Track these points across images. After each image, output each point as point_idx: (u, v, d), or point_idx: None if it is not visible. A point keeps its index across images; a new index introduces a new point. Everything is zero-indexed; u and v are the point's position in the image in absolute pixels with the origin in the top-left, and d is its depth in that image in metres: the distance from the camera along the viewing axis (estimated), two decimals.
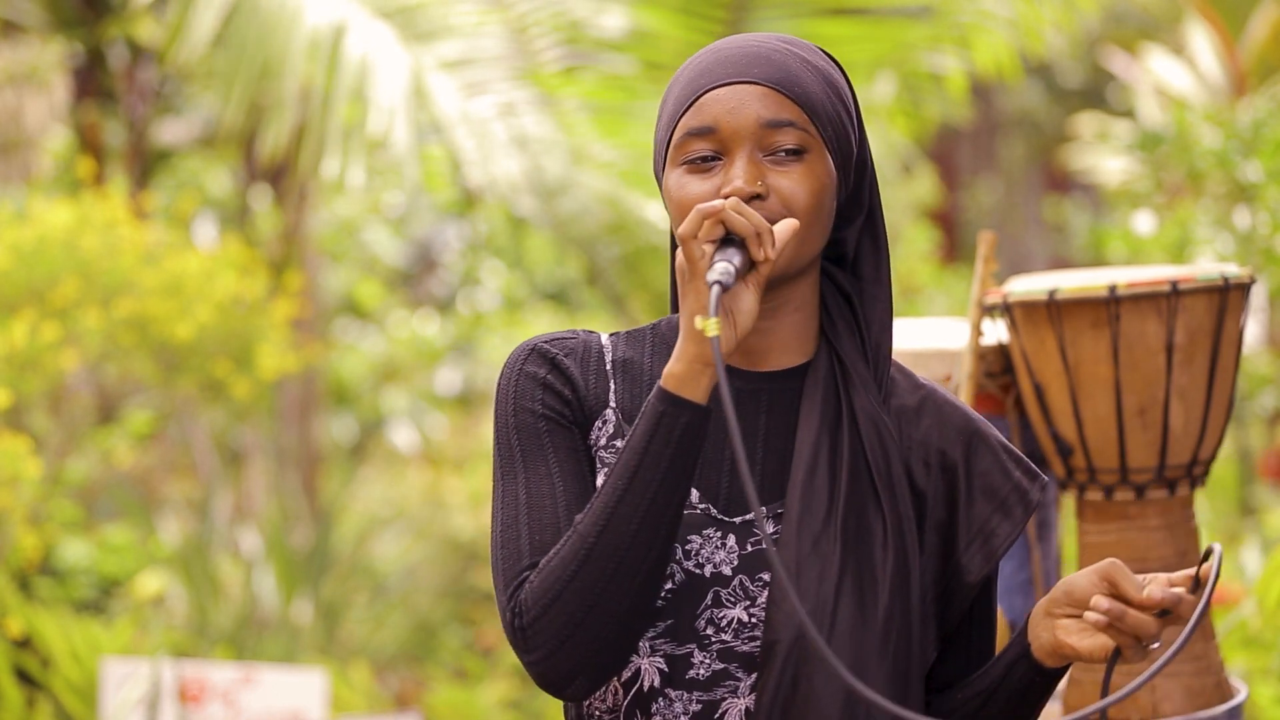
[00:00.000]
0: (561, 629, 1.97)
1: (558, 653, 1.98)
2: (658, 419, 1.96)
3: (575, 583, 1.96)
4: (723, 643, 2.03)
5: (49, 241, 6.13)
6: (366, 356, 10.08)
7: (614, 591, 1.96)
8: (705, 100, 2.05)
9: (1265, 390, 7.11)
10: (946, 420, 2.12)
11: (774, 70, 2.05)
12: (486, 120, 6.11)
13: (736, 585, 2.04)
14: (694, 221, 1.95)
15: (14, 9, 8.55)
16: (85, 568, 6.75)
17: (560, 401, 2.08)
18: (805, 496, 2.03)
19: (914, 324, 3.50)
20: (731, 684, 2.03)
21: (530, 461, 2.06)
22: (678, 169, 2.05)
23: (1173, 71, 8.76)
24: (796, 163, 2.04)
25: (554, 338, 2.12)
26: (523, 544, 2.02)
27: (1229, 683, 3.13)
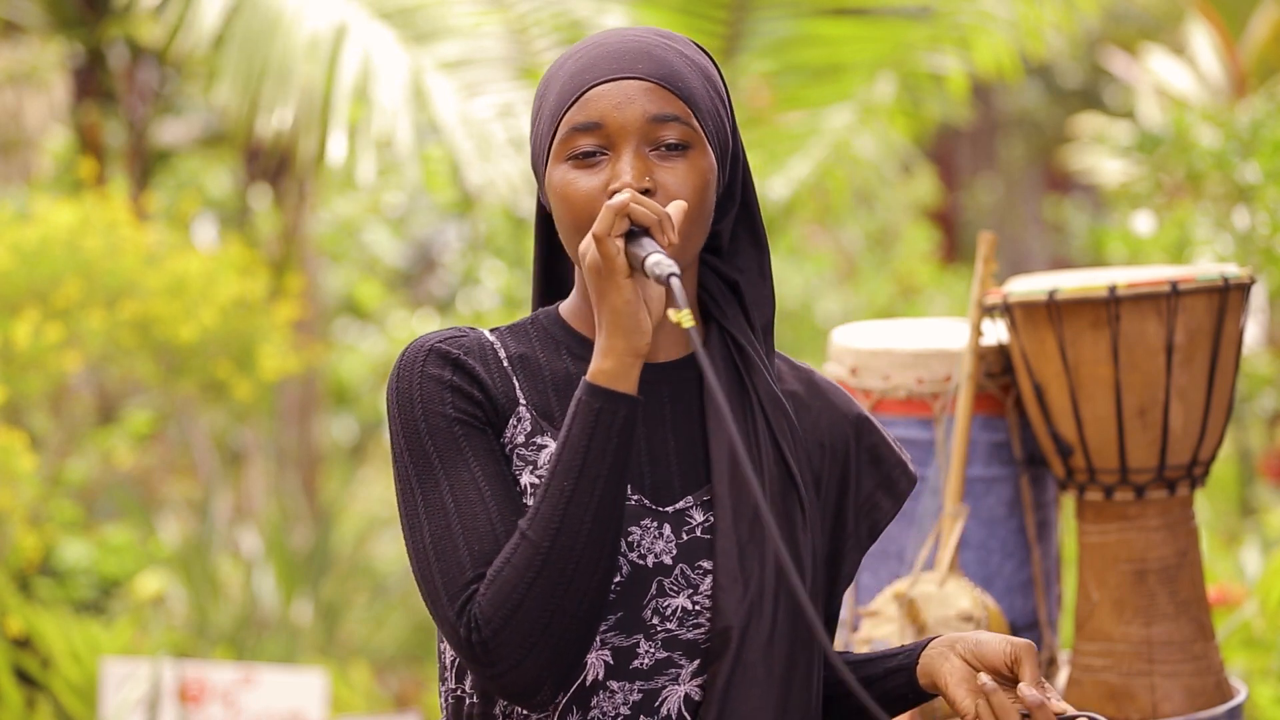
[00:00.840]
0: (525, 638, 1.95)
1: (524, 662, 1.96)
2: (595, 415, 1.96)
3: (534, 589, 1.95)
4: (668, 631, 2.04)
5: (51, 242, 6.13)
6: (366, 357, 10.08)
7: (574, 593, 1.95)
8: (590, 96, 2.04)
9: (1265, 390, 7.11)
10: (834, 404, 2.16)
11: (658, 65, 2.06)
12: (486, 121, 6.11)
13: (678, 574, 2.05)
14: (607, 220, 1.94)
15: (14, 9, 8.55)
16: (85, 568, 6.75)
17: (471, 403, 2.05)
18: (733, 483, 2.05)
19: (914, 324, 3.50)
20: (673, 671, 2.05)
21: (450, 468, 2.02)
22: (562, 164, 2.05)
23: (1173, 72, 8.76)
24: (681, 157, 2.04)
25: (448, 336, 2.08)
26: (461, 555, 1.98)
27: (1229, 683, 3.13)
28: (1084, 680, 3.11)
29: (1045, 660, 3.25)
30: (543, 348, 2.11)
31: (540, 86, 2.13)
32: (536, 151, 2.11)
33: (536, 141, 2.10)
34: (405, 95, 5.83)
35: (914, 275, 9.57)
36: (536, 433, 2.06)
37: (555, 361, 2.10)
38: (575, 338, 2.12)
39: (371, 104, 5.80)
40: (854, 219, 9.55)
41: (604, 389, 1.96)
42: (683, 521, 2.06)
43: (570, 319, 2.13)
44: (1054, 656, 3.27)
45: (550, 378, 2.09)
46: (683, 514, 2.06)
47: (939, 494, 3.14)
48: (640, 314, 1.96)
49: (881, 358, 3.17)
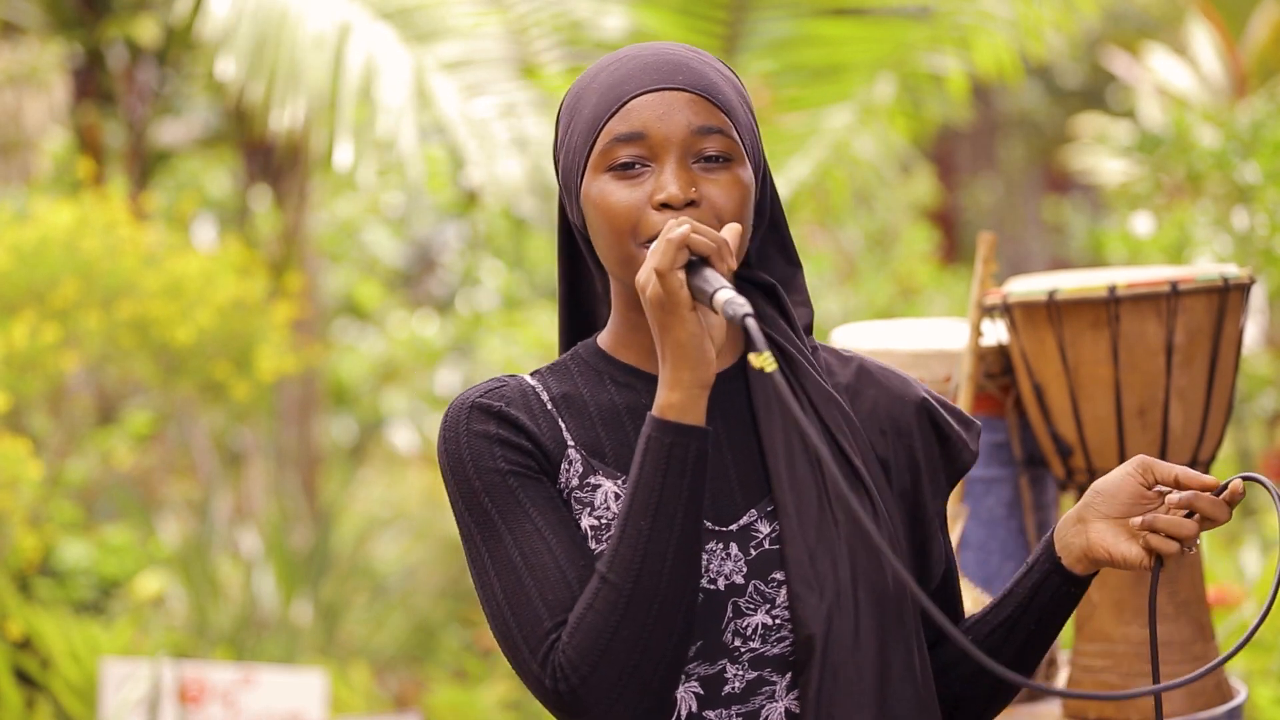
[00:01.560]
0: (615, 682, 1.94)
1: (613, 707, 1.95)
2: (668, 451, 1.94)
3: (621, 633, 1.93)
4: (752, 650, 2.02)
5: (49, 242, 6.13)
6: (366, 357, 10.08)
7: (661, 632, 1.94)
8: (632, 106, 2.03)
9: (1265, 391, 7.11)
10: (890, 388, 2.14)
11: (698, 77, 2.05)
12: (487, 121, 6.11)
13: (752, 591, 2.02)
14: (669, 254, 1.92)
15: (13, 9, 8.55)
16: (85, 568, 6.74)
17: (522, 454, 2.03)
18: (794, 488, 2.03)
19: (914, 324, 3.50)
20: (768, 689, 2.03)
21: (511, 522, 2.01)
22: (602, 175, 2.03)
23: (1174, 72, 8.76)
24: (724, 170, 2.03)
25: (487, 389, 2.06)
26: (536, 607, 1.97)
27: (1229, 683, 3.13)
28: (1084, 680, 3.11)
29: (1045, 661, 3.25)
30: (585, 383, 2.09)
31: (569, 100, 2.10)
32: (569, 167, 2.08)
33: (569, 156, 2.07)
34: (409, 94, 5.83)
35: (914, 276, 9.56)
36: (589, 473, 2.04)
37: (600, 395, 2.08)
38: (618, 367, 2.10)
39: (375, 104, 5.80)
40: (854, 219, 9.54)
41: (674, 423, 1.94)
42: (749, 537, 2.03)
43: (612, 349, 2.11)
44: (1054, 657, 3.27)
45: (597, 413, 2.07)
46: (748, 529, 2.04)
47: None
48: (706, 345, 1.94)
49: (881, 358, 3.16)
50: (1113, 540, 2.04)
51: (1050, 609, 2.09)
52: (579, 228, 2.10)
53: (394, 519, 8.55)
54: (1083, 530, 2.06)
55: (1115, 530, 2.04)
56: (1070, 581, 2.08)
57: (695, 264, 1.94)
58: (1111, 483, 2.05)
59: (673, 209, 2.00)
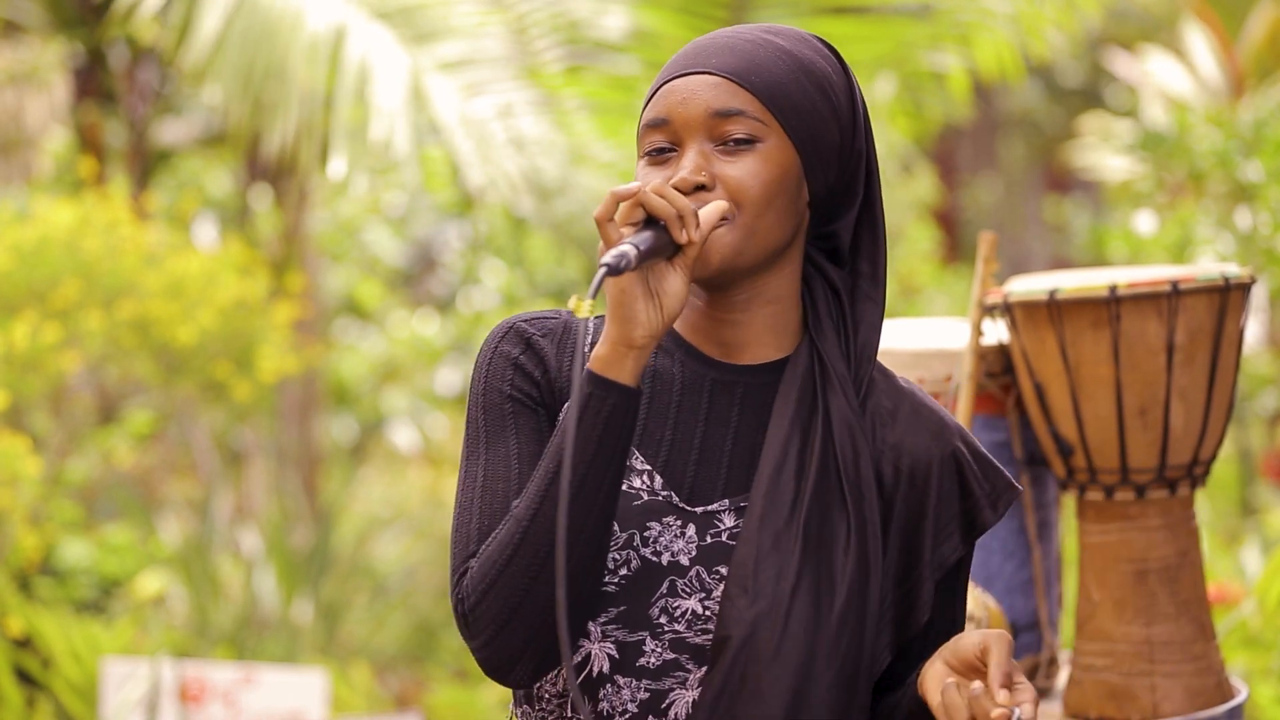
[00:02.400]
0: (499, 614, 1.96)
1: (497, 638, 1.97)
2: (585, 401, 1.95)
3: (510, 567, 1.96)
4: (675, 633, 2.02)
5: (50, 242, 6.13)
6: (366, 357, 10.08)
7: (549, 575, 1.95)
8: (662, 92, 2.04)
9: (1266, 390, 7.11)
10: (922, 425, 2.09)
11: (732, 59, 2.04)
12: (486, 121, 6.11)
13: (693, 576, 2.02)
14: (608, 204, 1.93)
15: (14, 9, 8.55)
16: (85, 568, 6.75)
17: (529, 382, 2.06)
18: (770, 493, 2.01)
19: (914, 324, 3.50)
20: (681, 675, 2.02)
21: (493, 443, 2.05)
22: (641, 160, 2.05)
23: (1171, 72, 8.76)
24: (747, 152, 2.01)
25: (535, 317, 2.10)
26: (471, 529, 2.02)
27: (1229, 683, 3.13)
28: (1084, 680, 3.11)
29: (1046, 660, 3.25)
30: None
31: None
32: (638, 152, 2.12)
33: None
34: (405, 96, 5.82)
35: (914, 275, 9.57)
36: None
37: None
38: (672, 335, 2.10)
39: (370, 107, 5.80)
40: None
41: (597, 375, 1.95)
42: (710, 524, 2.03)
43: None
44: (1054, 656, 3.27)
45: None
46: (713, 516, 2.03)
47: None
48: (635, 305, 1.94)
49: (881, 358, 3.16)
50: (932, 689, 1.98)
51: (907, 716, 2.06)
52: None
53: (394, 519, 8.55)
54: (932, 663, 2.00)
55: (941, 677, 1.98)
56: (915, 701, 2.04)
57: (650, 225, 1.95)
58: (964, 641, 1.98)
59: (682, 193, 2.00)
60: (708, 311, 2.08)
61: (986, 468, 2.10)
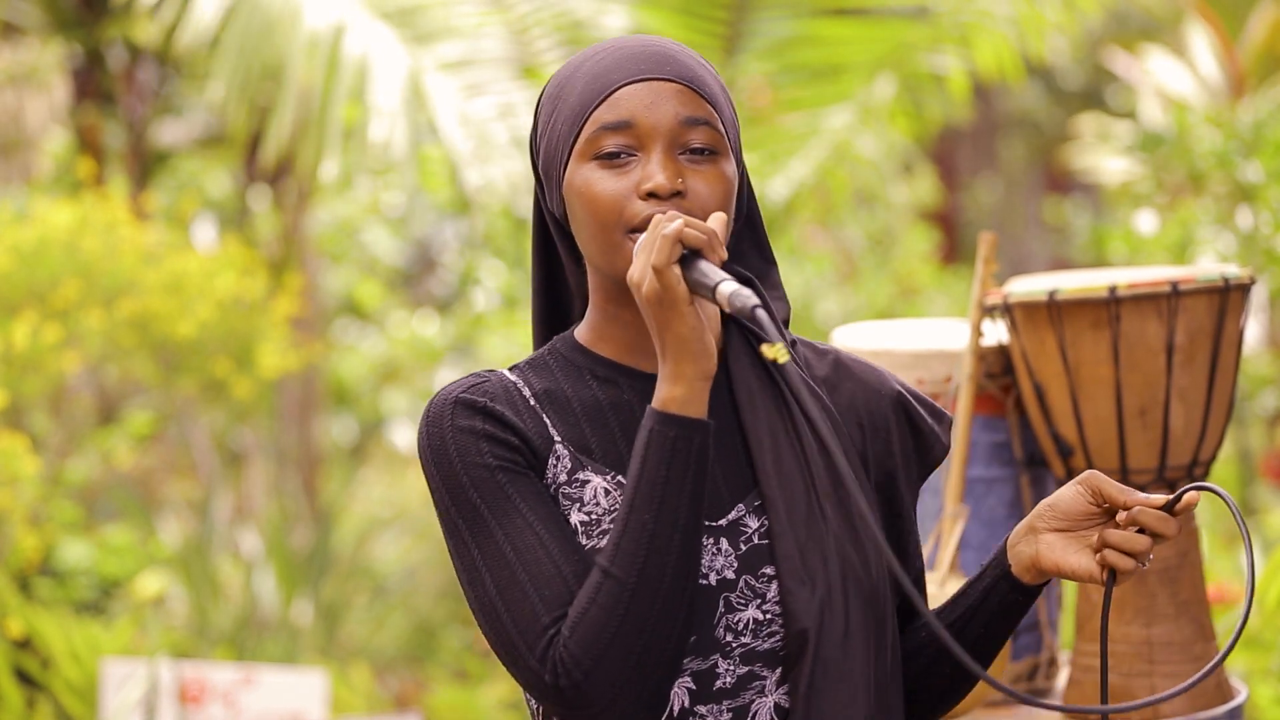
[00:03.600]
0: (618, 676, 1.93)
1: (616, 701, 1.94)
2: (671, 444, 1.93)
3: (625, 627, 1.93)
4: (744, 645, 2.02)
5: (50, 242, 6.13)
6: (366, 357, 10.08)
7: (665, 626, 1.94)
8: (620, 95, 2.02)
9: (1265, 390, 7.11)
10: (867, 382, 2.14)
11: (685, 69, 2.04)
12: (486, 121, 6.11)
13: (743, 586, 2.02)
14: (665, 250, 1.92)
15: (14, 10, 8.55)
16: (85, 568, 6.74)
17: (509, 449, 2.02)
18: (782, 483, 2.03)
19: (914, 324, 3.50)
20: (758, 684, 2.02)
21: (501, 517, 1.99)
22: (587, 164, 2.02)
23: (1172, 72, 8.76)
24: (710, 163, 2.03)
25: (470, 385, 2.05)
26: (533, 602, 1.96)
27: (1229, 683, 3.13)
28: (1084, 680, 3.11)
29: (1046, 660, 3.25)
30: (566, 379, 2.08)
31: (550, 89, 2.09)
32: (551, 156, 2.07)
33: (551, 145, 2.07)
34: (403, 97, 5.82)
35: (914, 276, 9.57)
36: (577, 469, 2.03)
37: (583, 391, 2.07)
38: (598, 361, 2.09)
39: (368, 107, 5.80)
40: (854, 219, 9.55)
41: (678, 416, 1.94)
42: (738, 531, 2.03)
43: (590, 343, 2.10)
44: (1054, 657, 3.27)
45: (580, 409, 2.06)
46: (736, 524, 2.03)
47: (940, 494, 3.14)
48: (706, 338, 1.94)
49: (881, 358, 3.17)
50: (1061, 553, 2.04)
51: (999, 615, 2.10)
52: (558, 218, 2.10)
53: (394, 519, 8.55)
54: (1033, 540, 2.06)
55: (1064, 543, 2.05)
56: (1017, 589, 2.08)
57: (687, 257, 1.94)
58: (1062, 498, 2.05)
59: (659, 199, 2.00)
60: (639, 326, 2.07)
61: (922, 401, 2.16)
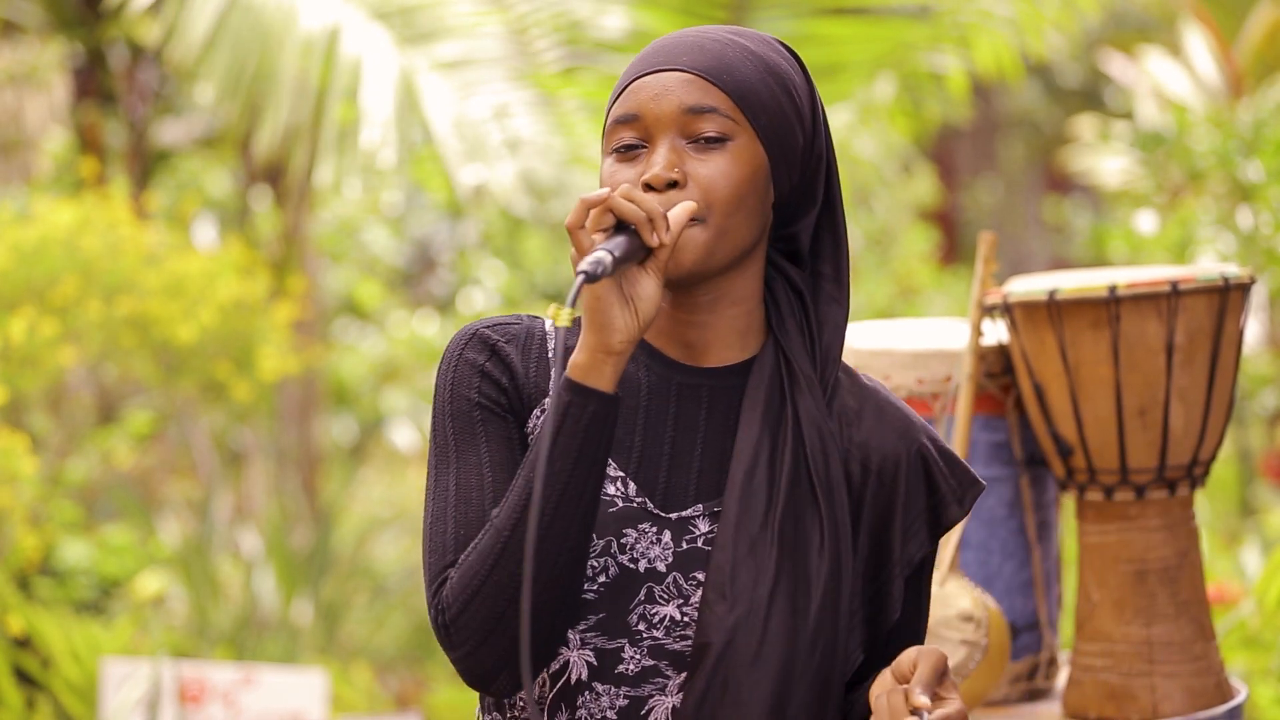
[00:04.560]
0: (482, 624, 1.96)
1: (480, 649, 1.96)
2: (564, 409, 1.94)
3: (493, 577, 1.95)
4: (654, 639, 2.01)
5: (50, 242, 6.13)
6: (366, 357, 10.08)
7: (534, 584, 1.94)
8: (632, 88, 2.04)
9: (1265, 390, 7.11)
10: (887, 423, 2.09)
11: (703, 58, 2.04)
12: (482, 122, 6.11)
13: (670, 582, 2.02)
14: (578, 211, 1.93)
15: (14, 9, 8.55)
16: (85, 568, 6.75)
17: (496, 389, 2.05)
18: (744, 497, 2.01)
19: (914, 324, 3.50)
20: (660, 681, 2.02)
21: (463, 452, 2.04)
22: (609, 157, 2.05)
23: (1169, 73, 8.76)
24: (718, 150, 2.02)
25: (497, 323, 2.10)
26: (448, 539, 2.00)
27: (1229, 683, 3.13)
28: (1084, 680, 3.11)
29: (1045, 661, 3.25)
30: None
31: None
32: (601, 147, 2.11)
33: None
34: (396, 99, 5.82)
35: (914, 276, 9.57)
36: None
37: None
38: None
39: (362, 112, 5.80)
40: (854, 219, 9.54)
41: (575, 383, 1.94)
42: (685, 530, 2.03)
43: None
44: (1054, 657, 3.28)
45: None
46: (687, 522, 2.03)
47: None
48: (611, 311, 1.94)
49: (881, 358, 3.17)
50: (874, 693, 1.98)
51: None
52: None
53: (394, 519, 8.55)
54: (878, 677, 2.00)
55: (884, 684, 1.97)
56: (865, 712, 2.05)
57: (621, 229, 1.94)
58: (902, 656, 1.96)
59: (655, 190, 2.00)
60: (671, 313, 2.07)
61: (952, 464, 2.10)
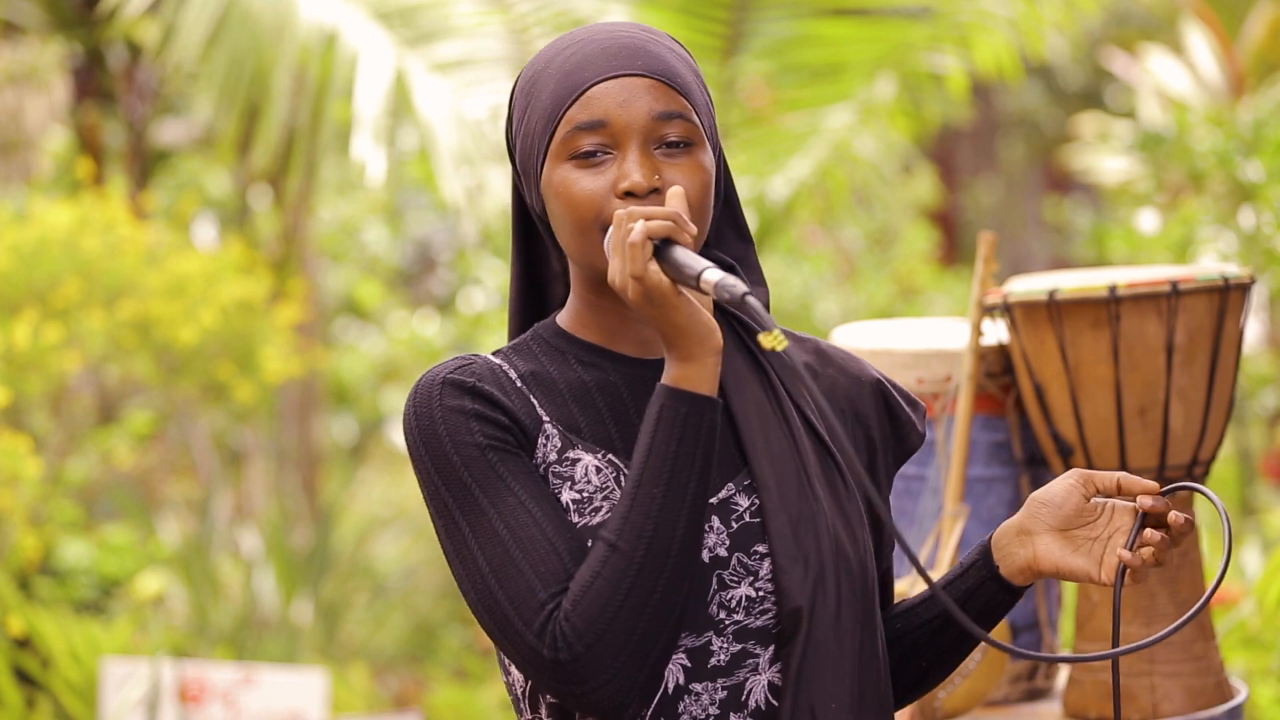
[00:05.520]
0: (619, 650, 1.93)
1: (616, 677, 1.94)
2: (683, 419, 1.94)
3: (629, 601, 1.93)
4: (736, 623, 2.02)
5: (50, 242, 6.12)
6: (366, 357, 10.08)
7: (667, 602, 1.95)
8: (593, 94, 2.02)
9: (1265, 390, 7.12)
10: (847, 370, 2.16)
11: (657, 62, 2.04)
12: (480, 123, 6.11)
13: (735, 564, 2.02)
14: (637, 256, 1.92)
15: (14, 9, 8.55)
16: (85, 568, 6.75)
17: (498, 429, 2.01)
18: (772, 461, 2.03)
19: (914, 324, 3.50)
20: (751, 662, 2.02)
21: (493, 496, 1.99)
22: (564, 164, 2.02)
23: (1171, 72, 8.76)
24: (686, 155, 2.02)
25: (456, 366, 2.04)
26: (529, 578, 1.96)
27: (1229, 683, 3.13)
28: (1084, 680, 3.11)
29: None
30: (550, 362, 2.08)
31: (523, 83, 2.08)
32: (527, 153, 2.07)
33: (526, 142, 2.06)
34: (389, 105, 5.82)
35: (914, 275, 9.57)
36: (568, 447, 2.03)
37: (568, 373, 2.07)
38: (582, 346, 2.09)
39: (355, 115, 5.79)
40: (854, 219, 9.55)
41: (689, 393, 1.95)
42: (729, 510, 2.03)
43: (573, 329, 2.10)
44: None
45: (566, 390, 2.06)
46: (727, 502, 2.03)
47: (939, 494, 3.15)
48: (703, 317, 1.95)
49: (881, 358, 3.17)
50: (1060, 555, 2.05)
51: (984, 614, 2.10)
52: (538, 213, 2.10)
53: (394, 519, 8.55)
54: (1028, 542, 2.06)
55: (1062, 544, 2.05)
56: (1007, 590, 2.09)
57: (661, 248, 1.94)
58: (1055, 494, 2.05)
59: (636, 197, 2.00)
60: (622, 314, 2.07)
61: (900, 390, 2.18)
